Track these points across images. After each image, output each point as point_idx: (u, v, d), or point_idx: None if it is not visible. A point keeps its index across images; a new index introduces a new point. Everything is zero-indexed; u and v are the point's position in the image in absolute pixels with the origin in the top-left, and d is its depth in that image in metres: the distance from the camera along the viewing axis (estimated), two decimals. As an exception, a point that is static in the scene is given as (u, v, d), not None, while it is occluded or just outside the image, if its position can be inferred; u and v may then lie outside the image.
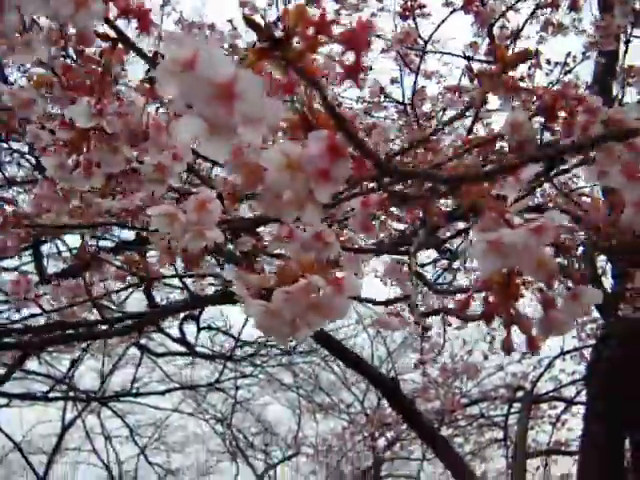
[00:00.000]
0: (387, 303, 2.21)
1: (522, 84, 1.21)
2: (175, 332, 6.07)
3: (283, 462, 13.68)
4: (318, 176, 0.69)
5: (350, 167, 0.70)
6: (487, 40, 3.61)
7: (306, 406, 13.07)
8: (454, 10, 3.68)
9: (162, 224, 1.06)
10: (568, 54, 3.78)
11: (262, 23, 0.67)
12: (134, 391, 9.41)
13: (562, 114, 1.11)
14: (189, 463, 14.32)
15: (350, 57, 0.76)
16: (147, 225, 1.64)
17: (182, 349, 7.76)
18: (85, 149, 1.13)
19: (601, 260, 3.97)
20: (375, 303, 2.41)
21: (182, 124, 0.61)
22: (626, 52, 3.88)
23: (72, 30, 1.18)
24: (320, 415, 13.06)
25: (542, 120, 1.15)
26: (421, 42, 3.73)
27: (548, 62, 3.95)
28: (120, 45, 1.06)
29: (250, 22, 0.67)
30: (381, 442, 11.19)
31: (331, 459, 12.65)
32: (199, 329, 6.79)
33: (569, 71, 3.86)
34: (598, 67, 4.34)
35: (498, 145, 1.49)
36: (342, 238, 1.41)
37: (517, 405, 7.35)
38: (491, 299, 0.83)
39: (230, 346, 8.54)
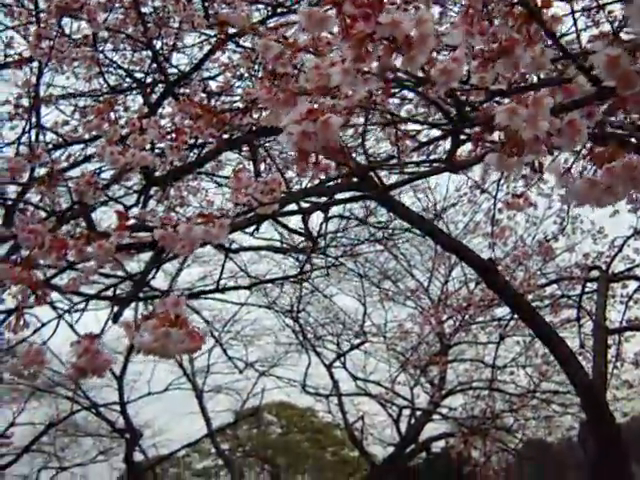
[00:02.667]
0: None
1: None
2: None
3: (351, 351, 13.95)
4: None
5: None
6: None
7: (372, 295, 13.43)
8: None
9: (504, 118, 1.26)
10: None
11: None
12: (213, 287, 9.70)
13: None
14: (262, 355, 14.96)
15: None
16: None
17: (255, 243, 8.03)
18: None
19: None
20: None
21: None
22: None
23: None
24: (387, 303, 13.36)
25: None
26: None
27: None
28: None
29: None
30: (447, 328, 11.63)
31: (400, 346, 13.09)
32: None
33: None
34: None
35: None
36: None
37: (590, 285, 7.63)
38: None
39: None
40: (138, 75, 4.91)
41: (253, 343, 14.51)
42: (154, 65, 4.12)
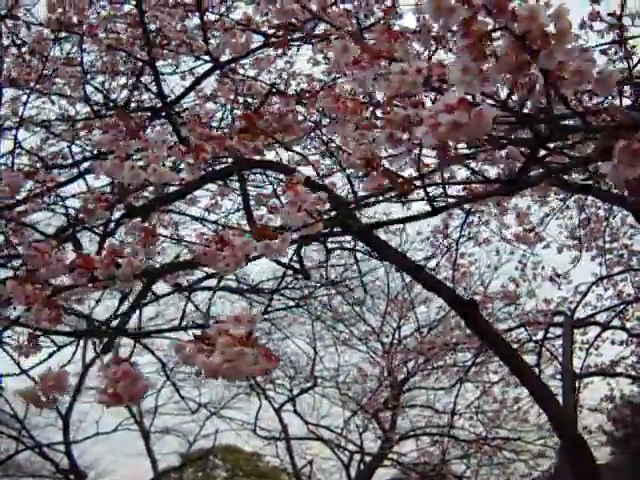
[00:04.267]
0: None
1: None
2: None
3: (301, 394, 13.80)
4: None
5: None
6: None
7: (324, 338, 13.39)
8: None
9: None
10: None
11: None
12: (165, 326, 9.57)
13: None
14: (213, 397, 14.74)
15: None
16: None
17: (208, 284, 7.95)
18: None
19: None
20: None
21: None
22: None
23: None
24: (340, 347, 13.33)
25: None
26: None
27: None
28: None
29: None
30: (400, 374, 11.62)
31: (352, 390, 13.01)
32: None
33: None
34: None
35: None
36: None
37: (552, 330, 7.72)
38: None
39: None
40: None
41: (204, 384, 14.22)
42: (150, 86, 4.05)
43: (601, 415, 10.20)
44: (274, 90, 4.22)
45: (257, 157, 2.78)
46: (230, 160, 3.41)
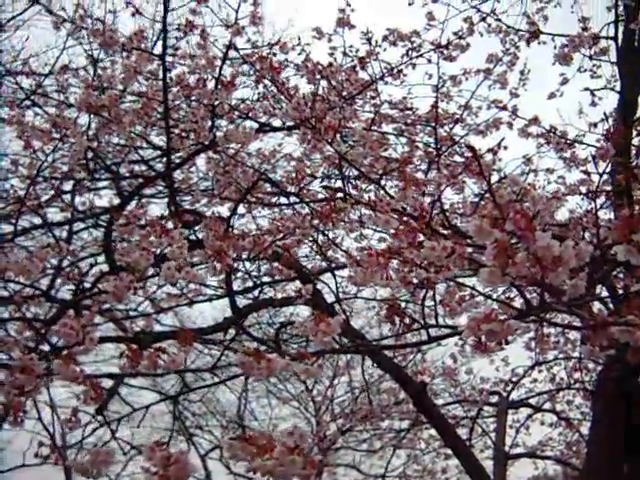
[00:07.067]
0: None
1: None
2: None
3: None
4: None
5: None
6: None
7: (256, 390, 13.55)
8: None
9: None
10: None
11: None
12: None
13: None
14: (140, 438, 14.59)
15: None
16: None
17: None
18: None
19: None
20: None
21: None
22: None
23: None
24: (273, 401, 13.50)
25: None
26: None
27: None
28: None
29: None
30: (329, 431, 11.85)
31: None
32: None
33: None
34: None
35: None
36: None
37: (486, 408, 8.16)
38: None
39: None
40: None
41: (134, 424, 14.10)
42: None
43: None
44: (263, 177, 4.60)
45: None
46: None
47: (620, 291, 4.19)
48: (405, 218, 2.11)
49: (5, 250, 2.97)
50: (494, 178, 4.81)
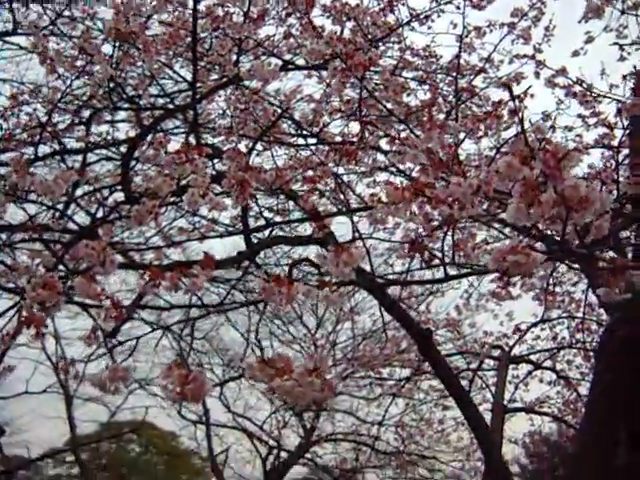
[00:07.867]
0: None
1: None
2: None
3: (227, 382, 13.95)
4: None
5: None
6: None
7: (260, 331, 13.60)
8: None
9: None
10: None
11: None
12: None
13: None
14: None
15: None
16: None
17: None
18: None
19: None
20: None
21: None
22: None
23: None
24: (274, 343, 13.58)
25: None
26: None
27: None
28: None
29: None
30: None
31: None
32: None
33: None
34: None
35: None
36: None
37: (487, 361, 8.26)
38: None
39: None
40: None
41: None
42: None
43: (519, 448, 10.70)
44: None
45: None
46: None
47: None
48: (432, 155, 2.13)
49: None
50: (514, 130, 4.80)
